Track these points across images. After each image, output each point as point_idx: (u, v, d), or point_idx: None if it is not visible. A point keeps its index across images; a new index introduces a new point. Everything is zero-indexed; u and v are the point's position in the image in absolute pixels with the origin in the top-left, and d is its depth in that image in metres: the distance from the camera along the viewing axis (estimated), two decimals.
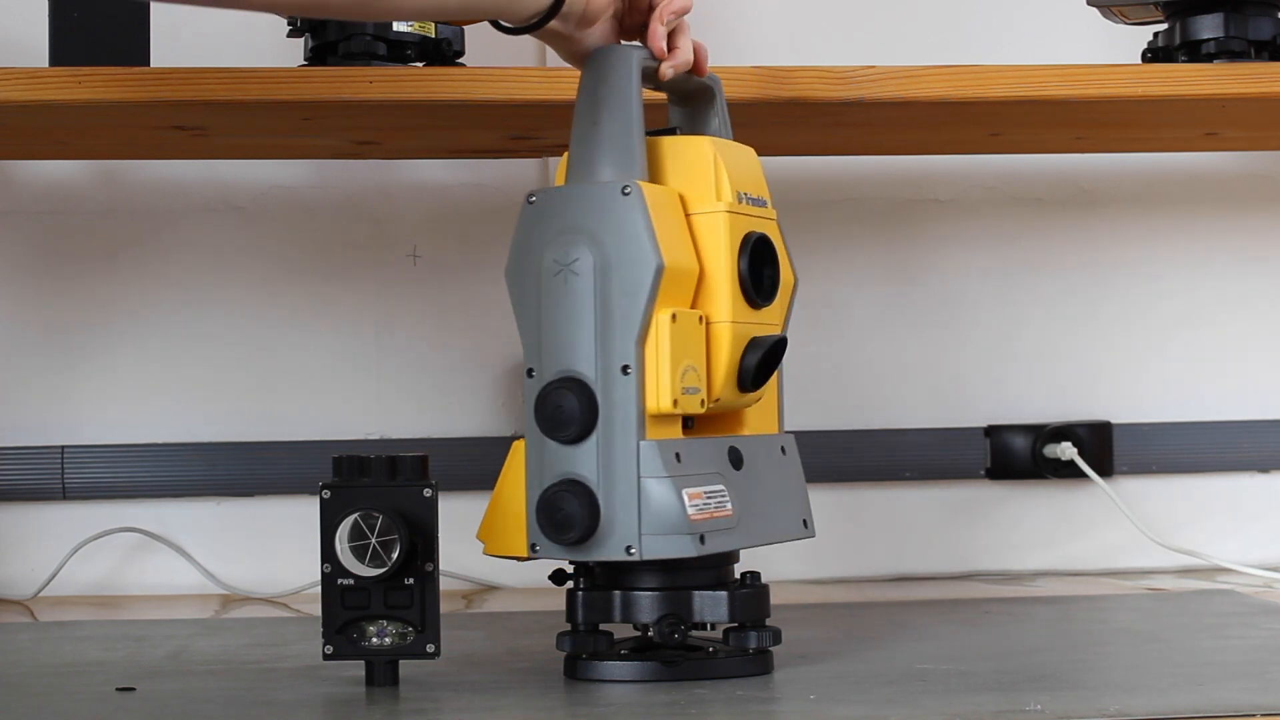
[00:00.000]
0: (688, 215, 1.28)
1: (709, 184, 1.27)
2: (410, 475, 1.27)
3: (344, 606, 1.26)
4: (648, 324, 1.23)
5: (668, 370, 1.23)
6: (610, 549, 1.23)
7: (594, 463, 1.24)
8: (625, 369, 1.23)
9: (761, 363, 1.27)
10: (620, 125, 1.28)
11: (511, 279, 1.28)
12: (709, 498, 1.25)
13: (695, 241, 1.27)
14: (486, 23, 1.75)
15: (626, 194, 1.24)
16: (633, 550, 1.22)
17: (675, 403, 1.23)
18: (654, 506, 1.22)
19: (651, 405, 1.23)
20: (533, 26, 1.32)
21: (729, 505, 1.26)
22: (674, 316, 1.23)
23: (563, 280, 1.24)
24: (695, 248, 1.27)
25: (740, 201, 1.28)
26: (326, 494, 1.26)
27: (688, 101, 1.38)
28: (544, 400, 1.24)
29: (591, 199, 1.25)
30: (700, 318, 1.26)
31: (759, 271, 1.29)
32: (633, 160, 1.27)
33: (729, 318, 1.26)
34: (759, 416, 1.35)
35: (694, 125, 1.37)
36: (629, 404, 1.23)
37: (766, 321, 1.30)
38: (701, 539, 1.23)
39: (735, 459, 1.29)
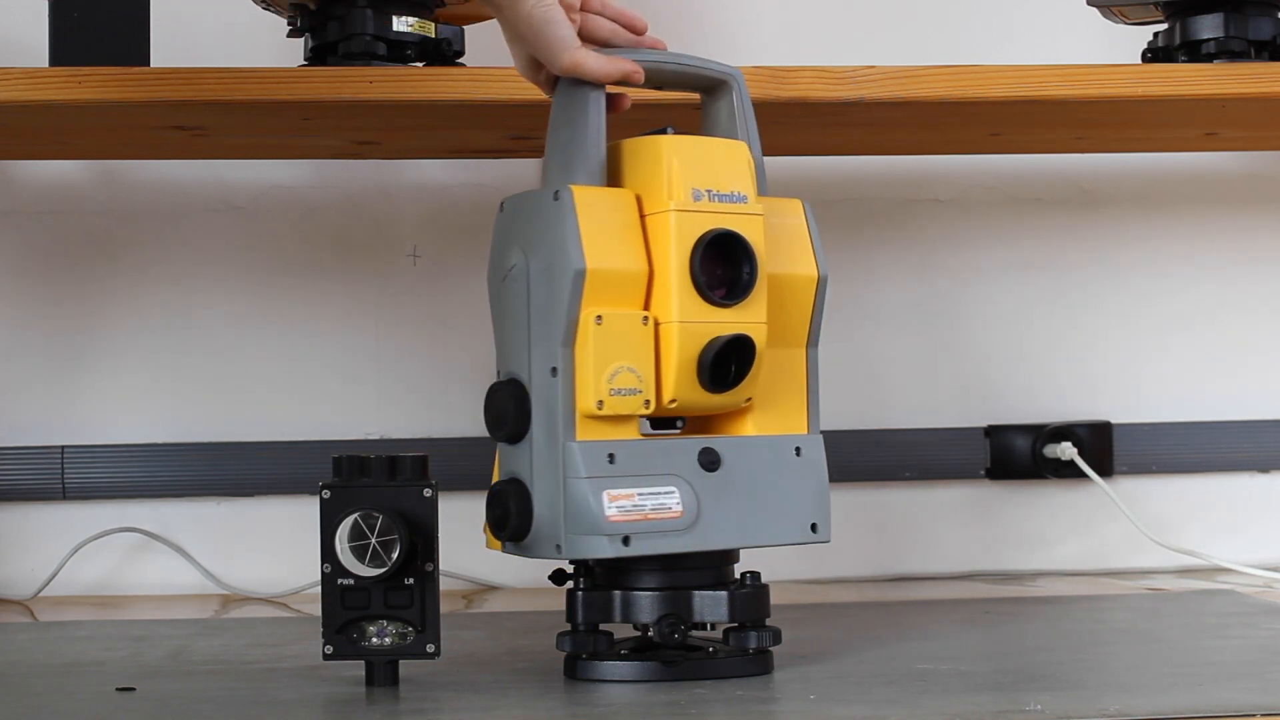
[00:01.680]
0: (645, 216, 1.28)
1: (662, 183, 1.27)
2: (410, 475, 1.27)
3: (344, 606, 1.26)
4: (573, 327, 1.24)
5: (591, 372, 1.24)
6: (543, 547, 1.26)
7: (528, 462, 1.27)
8: (554, 371, 1.25)
9: (715, 362, 1.26)
10: (575, 131, 1.30)
11: (488, 284, 1.32)
12: (643, 499, 1.25)
13: (649, 242, 1.28)
14: (486, 23, 1.76)
15: (557, 199, 1.26)
16: (560, 549, 1.25)
17: (601, 404, 1.24)
18: (574, 507, 1.24)
19: (582, 406, 1.24)
20: None
21: (676, 507, 1.26)
22: (598, 318, 1.24)
23: (507, 285, 1.29)
24: (649, 248, 1.28)
25: (698, 199, 1.27)
26: (326, 494, 1.26)
27: (708, 97, 1.37)
28: (488, 400, 1.30)
29: (532, 205, 1.28)
30: (645, 318, 1.26)
31: (715, 270, 1.28)
32: (583, 164, 1.28)
33: (677, 317, 1.26)
34: (770, 416, 1.33)
35: (709, 122, 1.37)
36: (556, 405, 1.25)
37: (740, 320, 1.27)
38: (625, 540, 1.24)
39: (709, 460, 1.29)
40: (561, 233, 1.25)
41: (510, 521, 1.28)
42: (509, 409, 1.28)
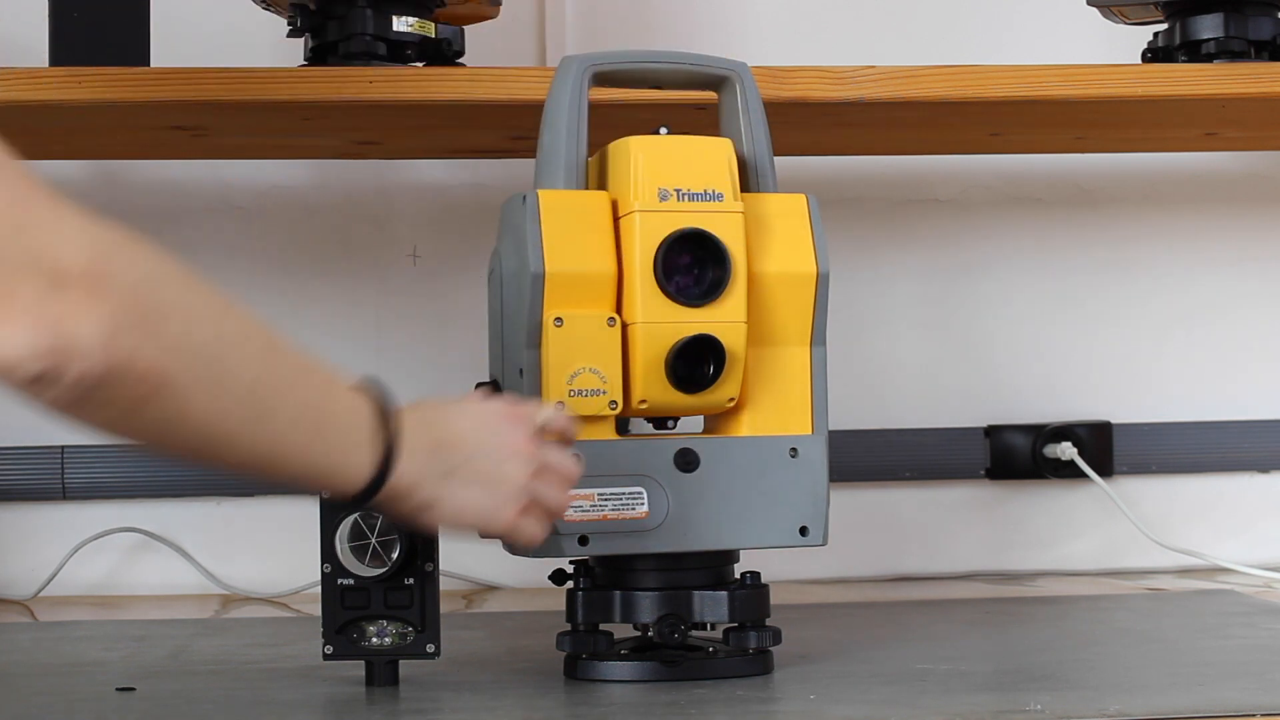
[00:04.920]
0: (619, 218, 1.28)
1: (630, 185, 1.28)
2: None
3: (344, 606, 1.26)
4: (536, 329, 1.26)
5: (551, 373, 1.25)
6: (516, 545, 1.27)
7: None
8: (520, 372, 1.26)
9: (676, 363, 1.26)
10: (555, 136, 1.30)
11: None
12: (605, 500, 1.25)
13: (620, 244, 1.28)
14: (486, 23, 1.76)
15: (524, 203, 1.27)
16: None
17: (560, 405, 1.24)
18: None
19: None
20: (361, 499, 1.10)
21: (642, 508, 1.26)
22: (558, 320, 1.25)
23: (490, 287, 1.32)
24: (620, 250, 1.28)
25: (665, 199, 1.27)
26: (325, 492, 1.26)
27: (719, 94, 1.37)
28: None
29: (511, 209, 1.29)
30: (611, 319, 1.26)
31: (691, 269, 1.27)
32: (563, 168, 1.29)
33: (641, 318, 1.26)
34: (766, 416, 1.31)
35: (720, 119, 1.37)
36: None
37: (712, 320, 1.27)
38: (583, 540, 1.25)
39: (685, 461, 1.29)
40: (525, 236, 1.26)
41: None
42: None
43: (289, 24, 1.69)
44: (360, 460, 1.06)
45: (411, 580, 1.26)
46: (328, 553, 1.26)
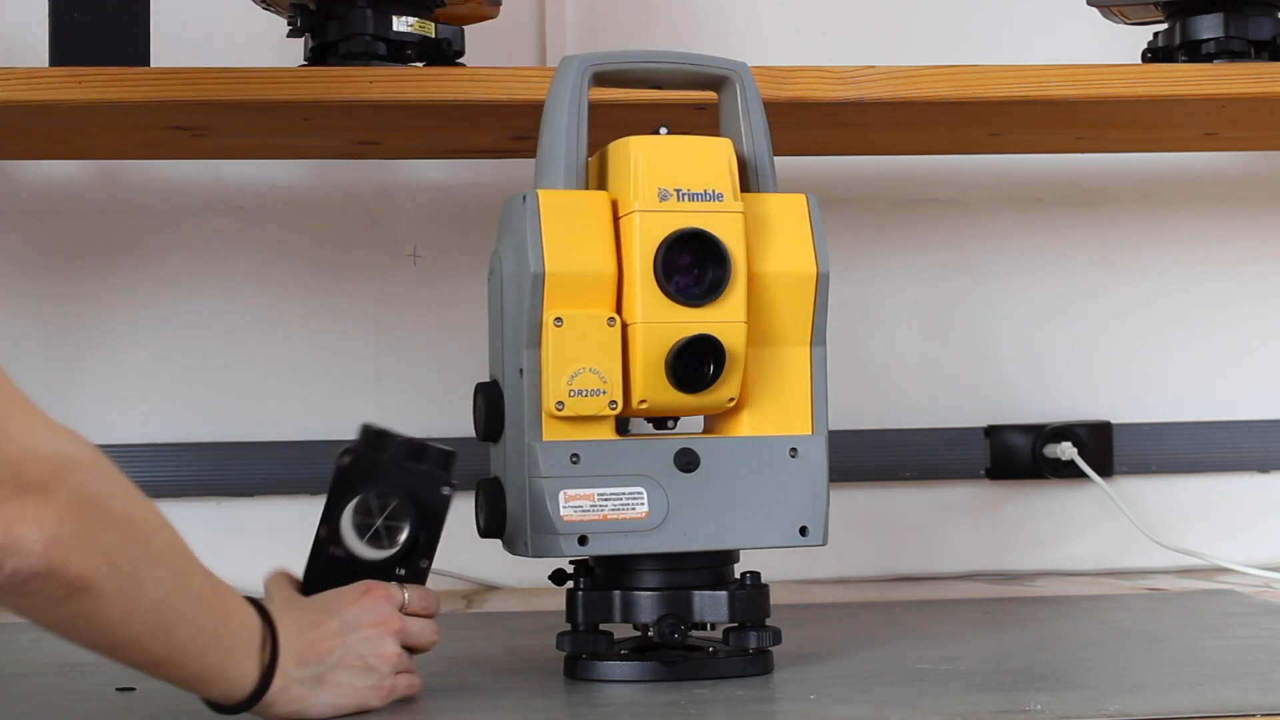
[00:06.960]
0: (619, 218, 1.28)
1: (630, 185, 1.28)
2: (434, 466, 1.26)
3: (328, 573, 1.24)
4: (536, 329, 1.26)
5: (550, 373, 1.25)
6: (516, 545, 1.28)
7: (503, 461, 1.30)
8: (520, 372, 1.26)
9: (676, 363, 1.26)
10: (555, 136, 1.31)
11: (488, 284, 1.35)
12: (604, 499, 1.26)
13: (621, 244, 1.28)
14: (486, 23, 1.76)
15: (524, 203, 1.27)
16: (527, 546, 1.26)
17: (561, 405, 1.25)
18: (535, 506, 1.25)
19: (545, 407, 1.26)
20: (244, 705, 1.14)
21: (642, 508, 1.26)
22: (558, 320, 1.25)
23: (490, 287, 1.32)
24: (620, 250, 1.28)
25: (665, 199, 1.27)
26: (346, 459, 1.25)
27: (719, 94, 1.37)
28: (472, 401, 1.32)
29: (511, 209, 1.30)
30: (611, 319, 1.27)
31: (680, 269, 1.27)
32: (563, 168, 1.29)
33: (641, 318, 1.26)
34: (766, 416, 1.31)
35: (720, 119, 1.37)
36: (523, 406, 1.26)
37: (712, 320, 1.27)
38: (582, 540, 1.25)
39: (685, 461, 1.28)
40: (526, 236, 1.26)
41: (483, 519, 1.31)
42: (485, 410, 1.30)
43: (289, 24, 1.69)
44: (247, 672, 1.13)
45: (403, 571, 1.25)
46: (328, 516, 1.24)
